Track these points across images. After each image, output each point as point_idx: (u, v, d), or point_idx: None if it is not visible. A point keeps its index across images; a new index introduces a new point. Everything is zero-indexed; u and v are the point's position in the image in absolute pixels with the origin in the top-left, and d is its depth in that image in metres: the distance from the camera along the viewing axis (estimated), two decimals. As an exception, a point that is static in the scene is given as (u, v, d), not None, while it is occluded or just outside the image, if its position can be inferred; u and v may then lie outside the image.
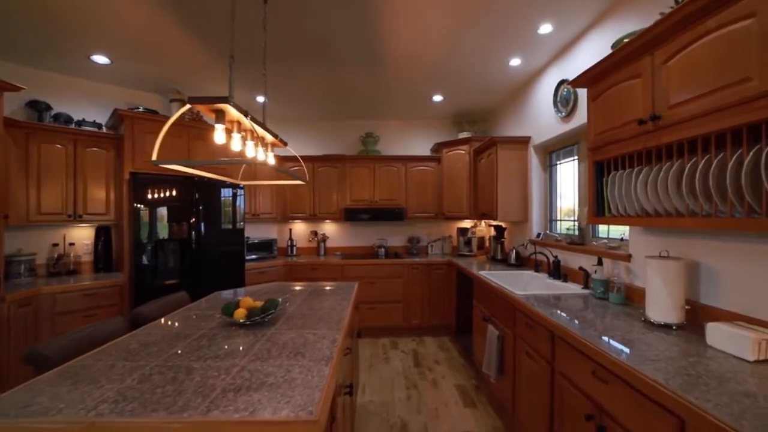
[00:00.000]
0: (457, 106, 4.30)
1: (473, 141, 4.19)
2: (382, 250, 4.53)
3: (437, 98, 3.99)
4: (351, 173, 4.51)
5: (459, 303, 3.81)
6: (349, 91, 3.77)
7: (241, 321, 1.65)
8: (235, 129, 1.87)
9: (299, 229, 4.81)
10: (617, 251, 2.23)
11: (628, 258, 2.11)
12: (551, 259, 2.86)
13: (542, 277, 2.87)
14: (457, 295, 3.87)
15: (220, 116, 1.62)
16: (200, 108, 1.60)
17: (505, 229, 3.95)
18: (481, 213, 4.04)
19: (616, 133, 1.73)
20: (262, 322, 1.72)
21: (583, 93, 2.52)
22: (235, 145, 1.86)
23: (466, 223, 4.72)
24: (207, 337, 1.54)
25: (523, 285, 2.97)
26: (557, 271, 2.74)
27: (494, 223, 4.08)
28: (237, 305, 1.74)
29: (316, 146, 4.87)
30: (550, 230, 3.33)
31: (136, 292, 3.03)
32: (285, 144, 2.25)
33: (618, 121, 1.72)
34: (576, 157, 2.89)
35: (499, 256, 3.90)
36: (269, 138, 2.12)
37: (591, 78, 1.91)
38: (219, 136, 1.66)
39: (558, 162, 3.24)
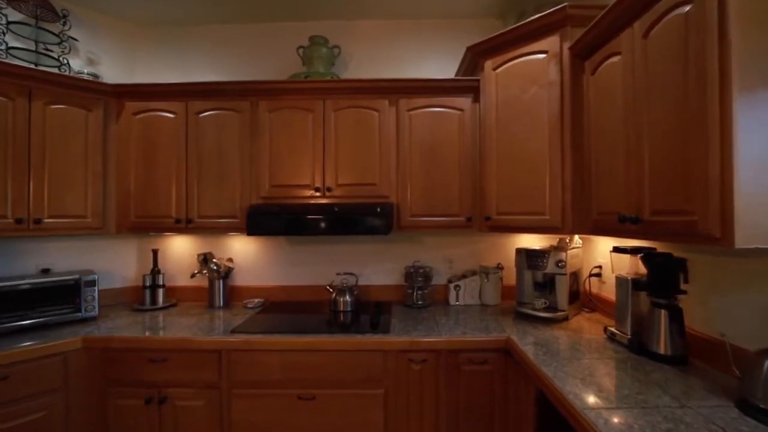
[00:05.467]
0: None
1: (572, 21, 1.57)
2: (347, 297, 1.99)
3: None
4: (273, 124, 1.97)
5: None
6: None
7: None
8: None
9: (178, 249, 2.32)
10: None
11: None
12: None
13: None
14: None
15: None
16: None
17: (684, 262, 1.32)
18: (611, 213, 1.41)
19: None
20: None
21: None
22: None
23: (543, 240, 2.11)
24: None
25: None
26: None
27: (633, 244, 1.48)
28: None
29: (212, 71, 2.35)
30: None
31: None
32: None
33: None
34: None
35: (662, 347, 1.27)
36: None
37: None
38: None
39: None
